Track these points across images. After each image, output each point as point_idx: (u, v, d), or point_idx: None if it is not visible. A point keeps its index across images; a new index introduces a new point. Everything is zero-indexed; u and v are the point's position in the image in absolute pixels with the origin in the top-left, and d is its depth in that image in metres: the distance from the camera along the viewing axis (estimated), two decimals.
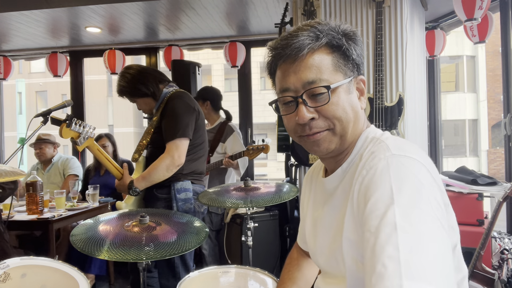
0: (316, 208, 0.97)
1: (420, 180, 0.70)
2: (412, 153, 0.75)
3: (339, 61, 0.83)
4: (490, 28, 3.17)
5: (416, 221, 0.65)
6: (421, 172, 0.71)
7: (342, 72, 0.83)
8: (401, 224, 0.64)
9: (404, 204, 0.67)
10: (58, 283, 1.40)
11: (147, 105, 2.26)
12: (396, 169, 0.72)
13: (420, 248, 0.62)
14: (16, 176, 1.58)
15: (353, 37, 0.86)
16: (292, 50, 0.81)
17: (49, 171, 3.86)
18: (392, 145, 0.78)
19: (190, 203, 2.18)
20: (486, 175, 2.75)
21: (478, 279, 2.07)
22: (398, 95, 2.74)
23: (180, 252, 1.52)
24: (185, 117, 2.14)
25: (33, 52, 4.86)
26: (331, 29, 0.83)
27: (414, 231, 0.64)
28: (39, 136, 3.83)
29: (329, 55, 0.82)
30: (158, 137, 2.17)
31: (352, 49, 0.84)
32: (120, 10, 3.63)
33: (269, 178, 16.34)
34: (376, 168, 0.74)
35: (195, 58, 5.87)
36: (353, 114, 0.84)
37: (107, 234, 1.59)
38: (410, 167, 0.72)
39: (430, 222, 0.65)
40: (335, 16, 2.93)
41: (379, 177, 0.72)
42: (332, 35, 0.83)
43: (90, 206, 3.21)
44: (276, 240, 3.31)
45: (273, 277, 1.55)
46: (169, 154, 2.07)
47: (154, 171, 2.07)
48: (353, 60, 0.85)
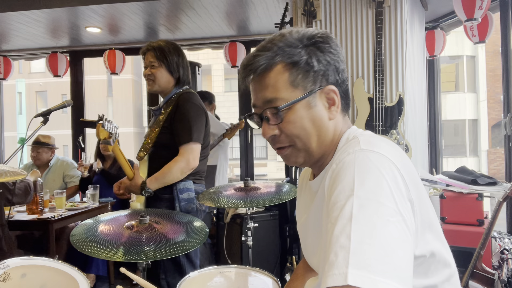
0: (305, 210, 0.99)
1: (383, 174, 0.70)
2: (381, 149, 0.75)
3: (297, 77, 0.83)
4: (490, 28, 3.17)
5: (372, 213, 0.65)
6: (385, 166, 0.71)
7: (302, 87, 0.83)
8: (357, 215, 0.65)
9: (362, 196, 0.67)
10: (58, 283, 1.40)
11: (165, 82, 2.16)
12: (361, 162, 0.72)
13: (372, 239, 0.62)
14: (16, 176, 1.58)
15: (321, 44, 0.84)
16: (251, 70, 0.85)
17: (47, 175, 3.73)
18: (363, 141, 0.78)
19: (193, 203, 2.18)
20: (486, 175, 2.75)
21: (478, 279, 2.07)
22: (398, 95, 2.75)
23: (180, 252, 1.52)
24: (199, 121, 2.12)
25: (33, 52, 4.86)
26: (289, 45, 0.83)
27: (367, 222, 0.64)
28: (38, 138, 3.70)
29: (285, 73, 0.83)
30: (165, 137, 2.14)
31: (314, 61, 0.83)
32: (120, 10, 3.63)
33: (269, 178, 16.35)
34: (343, 162, 0.75)
35: (195, 58, 5.88)
36: (315, 129, 0.85)
37: (107, 234, 1.59)
38: (374, 161, 0.72)
39: (387, 215, 0.66)
40: (335, 16, 2.93)
41: (344, 170, 0.73)
42: (288, 51, 0.83)
43: (90, 206, 3.21)
44: (276, 240, 3.31)
45: (273, 277, 1.55)
46: (184, 157, 2.06)
47: (169, 173, 2.06)
48: (315, 72, 0.84)
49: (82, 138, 4.73)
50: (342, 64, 0.87)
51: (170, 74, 2.15)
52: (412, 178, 0.76)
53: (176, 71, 2.14)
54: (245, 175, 4.58)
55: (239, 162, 4.67)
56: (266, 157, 17.73)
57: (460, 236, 2.44)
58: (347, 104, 0.91)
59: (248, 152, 4.62)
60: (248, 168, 4.62)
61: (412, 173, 0.77)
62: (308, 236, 0.95)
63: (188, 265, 2.13)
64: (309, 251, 0.96)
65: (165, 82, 2.15)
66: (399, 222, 0.66)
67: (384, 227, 0.64)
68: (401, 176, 0.72)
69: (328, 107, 0.86)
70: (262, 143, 17.35)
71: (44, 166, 3.76)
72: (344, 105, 0.90)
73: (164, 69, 2.14)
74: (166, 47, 2.13)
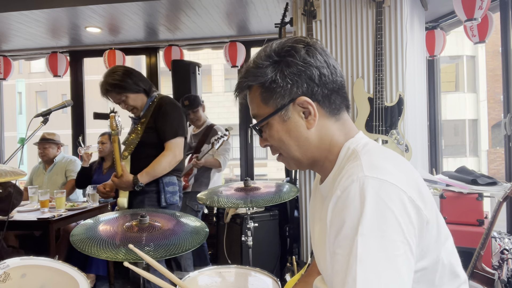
0: (314, 212, 1.02)
1: (388, 205, 0.73)
2: (386, 174, 0.76)
3: (267, 95, 0.88)
4: (490, 28, 3.17)
5: (377, 251, 0.70)
6: (391, 197, 0.73)
7: (272, 104, 0.88)
8: (361, 255, 0.70)
9: (367, 234, 0.71)
10: (58, 283, 1.40)
11: (140, 101, 2.38)
12: (366, 195, 0.74)
13: (376, 279, 0.68)
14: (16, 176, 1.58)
15: (287, 58, 0.86)
16: (236, 94, 0.95)
17: (51, 171, 3.84)
18: (366, 164, 0.79)
19: (177, 195, 2.37)
20: (486, 175, 2.75)
21: (478, 279, 2.07)
22: (398, 95, 2.74)
23: (180, 252, 1.52)
24: (181, 118, 2.37)
25: (33, 52, 4.86)
26: (257, 66, 0.88)
27: (372, 263, 0.69)
28: (44, 135, 3.81)
29: (258, 93, 0.90)
30: (150, 136, 2.33)
31: (278, 77, 0.86)
32: (120, 10, 3.63)
33: (269, 178, 16.34)
34: (348, 191, 0.76)
35: (195, 58, 5.87)
36: (293, 140, 0.89)
37: (107, 234, 1.59)
38: (380, 192, 0.74)
39: (392, 250, 0.70)
40: (335, 16, 2.93)
41: (349, 203, 0.75)
42: (256, 73, 0.88)
43: (90, 206, 3.21)
44: (276, 240, 3.31)
45: (273, 277, 1.55)
46: (171, 151, 2.28)
47: (158, 166, 2.26)
48: (281, 87, 0.86)
49: (82, 138, 4.73)
50: (320, 69, 0.86)
51: (137, 93, 2.37)
52: (421, 195, 0.78)
53: (139, 88, 2.36)
54: (245, 175, 4.57)
55: (239, 162, 4.67)
56: (266, 157, 17.72)
57: (460, 236, 2.44)
58: (336, 108, 0.90)
59: (248, 152, 4.62)
60: (248, 168, 4.62)
61: (420, 188, 0.79)
62: (315, 237, 0.98)
63: None
64: (316, 251, 0.98)
65: (140, 101, 2.40)
66: (405, 252, 0.71)
67: (389, 265, 0.70)
68: (410, 201, 0.75)
69: (305, 117, 0.88)
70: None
71: (49, 162, 3.87)
72: (331, 109, 0.89)
73: (131, 95, 2.36)
74: (117, 80, 2.32)
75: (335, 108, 0.90)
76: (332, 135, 0.90)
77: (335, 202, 0.78)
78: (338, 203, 0.77)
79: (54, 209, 3.05)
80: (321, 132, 0.89)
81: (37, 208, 3.10)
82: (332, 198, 0.79)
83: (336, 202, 0.78)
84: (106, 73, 2.36)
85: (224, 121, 9.46)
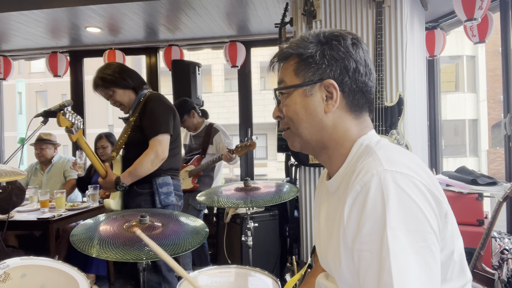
0: (319, 208, 1.02)
1: (412, 198, 0.73)
2: (405, 167, 0.77)
3: (300, 66, 0.91)
4: (490, 28, 3.17)
5: (407, 244, 0.71)
6: (413, 190, 0.74)
7: (302, 76, 0.91)
8: (394, 248, 0.70)
9: (396, 226, 0.71)
10: (58, 283, 1.40)
11: (127, 97, 2.34)
12: (389, 189, 0.74)
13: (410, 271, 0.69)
14: (16, 176, 1.58)
15: (333, 41, 0.89)
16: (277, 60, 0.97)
17: (50, 171, 3.84)
18: (384, 158, 0.79)
19: (172, 196, 2.30)
20: (486, 175, 2.75)
21: (478, 279, 2.08)
22: (398, 95, 2.75)
23: (180, 252, 1.52)
24: (165, 115, 2.29)
25: (33, 52, 4.86)
26: (304, 40, 0.91)
27: (404, 253, 0.70)
28: (40, 136, 3.81)
29: (293, 62, 0.92)
30: (137, 135, 2.28)
31: (318, 55, 0.89)
32: (120, 10, 3.63)
33: (269, 178, 16.34)
34: (369, 186, 0.76)
35: (195, 58, 5.87)
36: (307, 116, 0.91)
37: (107, 234, 1.59)
38: (403, 185, 0.74)
39: (421, 241, 0.71)
40: (335, 16, 2.93)
41: (373, 198, 0.75)
42: (301, 46, 0.91)
43: (90, 206, 3.21)
44: (276, 240, 3.31)
45: (273, 277, 1.55)
46: (153, 149, 2.20)
47: (140, 166, 2.19)
48: (317, 64, 0.89)
49: None
50: (357, 64, 0.89)
51: (125, 89, 2.32)
52: (436, 188, 0.78)
53: (126, 84, 2.31)
54: (245, 175, 4.58)
55: (239, 162, 4.67)
56: (266, 157, 17.72)
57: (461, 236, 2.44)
58: (359, 106, 0.91)
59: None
60: (248, 168, 4.62)
61: (434, 182, 0.80)
62: (321, 234, 0.98)
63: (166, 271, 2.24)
64: (321, 247, 0.98)
65: (128, 98, 2.35)
66: (433, 243, 0.73)
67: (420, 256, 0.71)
68: (430, 192, 0.76)
69: (325, 100, 0.90)
70: (262, 143, 17.35)
71: (47, 163, 3.86)
72: (353, 105, 0.90)
73: (118, 90, 2.31)
74: (106, 74, 2.29)
75: (357, 105, 0.91)
76: (347, 128, 0.90)
77: (354, 198, 0.78)
78: (358, 198, 0.77)
79: (54, 209, 3.06)
80: (337, 121, 0.90)
81: (37, 208, 3.10)
82: (351, 194, 0.78)
83: (355, 198, 0.77)
84: (100, 68, 2.37)
85: (224, 121, 9.44)
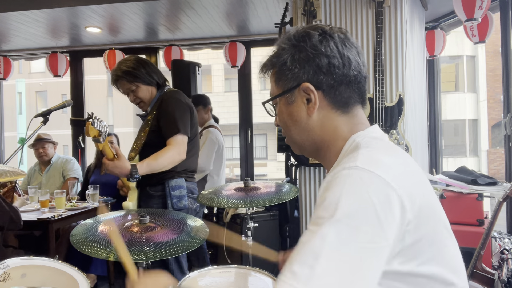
0: None
1: (370, 197, 0.71)
2: (379, 168, 0.74)
3: (278, 76, 0.92)
4: (490, 28, 3.17)
5: (347, 240, 0.68)
6: (376, 189, 0.71)
7: (281, 85, 0.91)
8: (333, 240, 0.68)
9: (342, 220, 0.69)
10: (58, 283, 1.40)
11: (149, 94, 2.22)
12: (351, 183, 0.73)
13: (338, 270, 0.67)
14: (16, 176, 1.58)
15: (300, 42, 0.87)
16: (262, 70, 0.97)
17: (48, 172, 3.85)
18: (363, 156, 0.77)
19: (185, 200, 2.19)
20: (486, 175, 2.75)
21: (478, 279, 2.07)
22: (398, 95, 2.75)
23: (180, 252, 1.52)
24: (183, 115, 2.17)
25: (33, 52, 4.86)
26: (279, 47, 0.91)
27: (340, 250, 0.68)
28: (40, 135, 3.81)
29: (273, 73, 0.94)
30: (155, 136, 2.17)
31: (289, 60, 0.88)
32: (120, 10, 3.63)
33: (269, 178, 16.34)
34: (338, 176, 0.75)
35: (195, 58, 5.87)
36: (293, 123, 0.92)
37: (107, 234, 1.59)
38: (366, 182, 0.72)
39: (363, 242, 0.68)
40: (335, 16, 2.93)
41: (334, 186, 0.74)
42: (275, 54, 0.92)
43: (90, 206, 3.20)
44: (276, 240, 3.31)
45: (273, 277, 1.55)
46: (174, 147, 2.07)
47: (161, 159, 2.04)
48: (290, 70, 0.88)
49: (82, 138, 4.73)
50: (330, 59, 0.85)
51: (148, 86, 2.21)
52: (414, 196, 0.74)
53: (151, 81, 2.21)
54: (245, 175, 4.58)
55: (239, 162, 4.67)
56: (266, 157, 17.72)
57: (460, 236, 2.42)
58: (343, 101, 0.87)
59: (248, 152, 4.62)
60: (248, 168, 4.62)
61: (416, 189, 0.76)
62: None
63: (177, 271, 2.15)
64: None
65: (149, 95, 2.23)
66: (379, 248, 0.69)
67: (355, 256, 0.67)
68: (398, 199, 0.72)
69: (306, 104, 0.89)
70: (262, 143, 17.36)
71: (46, 164, 3.87)
72: (336, 101, 0.87)
73: (142, 86, 2.20)
74: (130, 67, 2.17)
75: (341, 100, 0.87)
76: (336, 126, 0.89)
77: (323, 187, 0.78)
78: (324, 186, 0.77)
79: (54, 209, 3.05)
80: (324, 121, 0.89)
81: (37, 208, 3.10)
82: (322, 184, 0.80)
83: (324, 186, 0.78)
84: (120, 61, 2.24)
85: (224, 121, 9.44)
